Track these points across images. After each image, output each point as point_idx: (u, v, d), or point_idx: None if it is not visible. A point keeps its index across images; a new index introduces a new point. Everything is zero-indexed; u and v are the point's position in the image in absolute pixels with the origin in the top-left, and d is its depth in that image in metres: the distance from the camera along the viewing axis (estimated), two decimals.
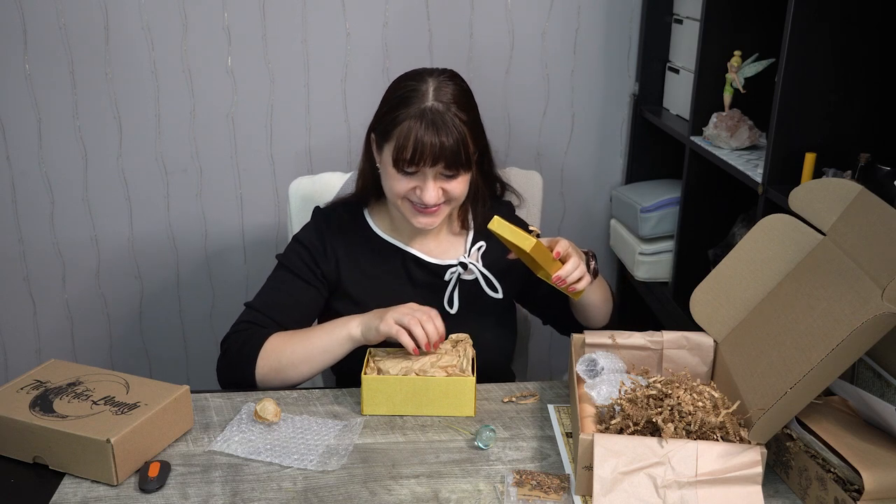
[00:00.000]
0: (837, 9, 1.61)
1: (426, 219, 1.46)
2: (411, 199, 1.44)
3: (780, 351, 1.18)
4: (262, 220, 2.49)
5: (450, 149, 1.38)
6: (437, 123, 1.37)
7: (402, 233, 1.56)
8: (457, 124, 1.39)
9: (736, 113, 2.00)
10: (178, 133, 2.36)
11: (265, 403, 1.32)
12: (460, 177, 1.44)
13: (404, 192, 1.43)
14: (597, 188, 2.58)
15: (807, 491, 1.15)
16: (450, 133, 1.38)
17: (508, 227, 1.35)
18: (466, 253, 1.57)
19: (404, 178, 1.42)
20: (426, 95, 1.40)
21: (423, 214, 1.45)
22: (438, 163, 1.39)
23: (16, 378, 1.31)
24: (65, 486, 1.18)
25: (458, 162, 1.40)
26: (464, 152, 1.40)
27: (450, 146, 1.38)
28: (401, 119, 1.39)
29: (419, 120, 1.38)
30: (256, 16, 2.27)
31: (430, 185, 1.41)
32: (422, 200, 1.42)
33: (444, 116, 1.38)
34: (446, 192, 1.44)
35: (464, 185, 1.46)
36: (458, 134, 1.39)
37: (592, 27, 2.40)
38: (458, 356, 1.39)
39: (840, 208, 1.27)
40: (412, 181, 1.42)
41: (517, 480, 1.18)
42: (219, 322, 2.59)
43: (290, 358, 1.42)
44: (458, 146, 1.39)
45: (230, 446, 1.27)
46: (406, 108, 1.39)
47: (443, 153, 1.38)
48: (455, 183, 1.44)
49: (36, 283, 2.47)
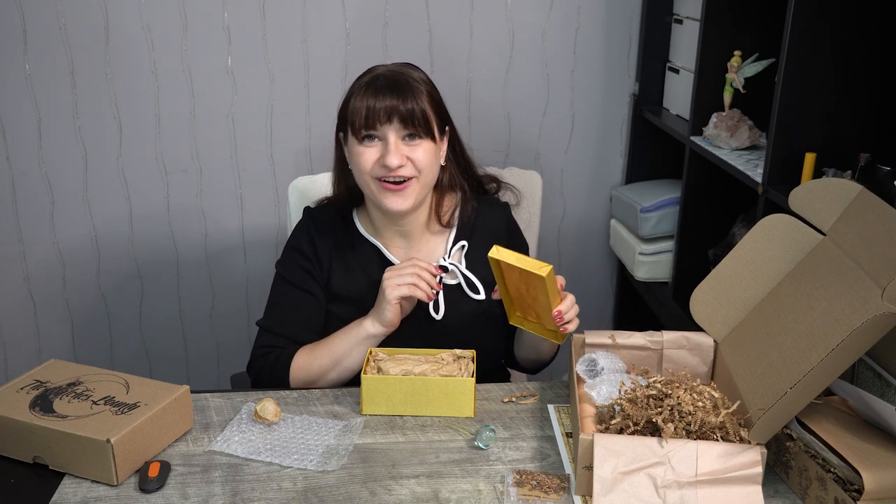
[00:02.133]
0: (837, 9, 1.61)
1: (396, 196, 1.44)
2: (379, 177, 1.43)
3: (780, 351, 1.18)
4: (262, 220, 2.49)
5: (405, 106, 1.39)
6: (389, 85, 1.41)
7: (384, 235, 1.55)
8: (412, 87, 1.41)
9: (736, 113, 2.00)
10: (178, 133, 2.37)
11: (265, 403, 1.32)
12: (424, 144, 1.43)
13: (371, 166, 1.43)
14: (597, 188, 2.58)
15: (807, 491, 1.15)
16: (403, 92, 1.40)
17: (514, 255, 1.32)
18: (447, 254, 1.55)
19: (368, 149, 1.42)
20: (381, 68, 1.45)
21: (392, 193, 1.43)
22: (393, 118, 1.39)
23: (16, 378, 1.31)
24: (65, 486, 1.18)
25: (415, 119, 1.40)
26: (420, 113, 1.40)
27: (405, 104, 1.40)
28: (353, 93, 1.43)
29: (371, 86, 1.41)
30: (256, 16, 2.27)
31: (392, 146, 1.41)
32: (386, 164, 1.41)
33: (396, 79, 1.41)
34: (411, 161, 1.42)
35: (429, 156, 1.44)
36: (413, 94, 1.40)
37: (592, 27, 2.40)
38: (459, 369, 1.40)
39: (840, 208, 1.27)
40: (376, 149, 1.42)
41: (517, 480, 1.18)
42: (219, 322, 2.59)
43: (318, 370, 1.46)
44: (413, 105, 1.40)
45: (230, 446, 1.27)
46: (362, 79, 1.44)
47: (396, 110, 1.39)
48: (419, 151, 1.42)
49: (36, 283, 2.48)
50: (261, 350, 1.51)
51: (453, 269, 1.53)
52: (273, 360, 1.49)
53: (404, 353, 1.44)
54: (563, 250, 2.64)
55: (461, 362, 1.42)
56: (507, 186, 1.66)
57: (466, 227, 1.57)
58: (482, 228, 1.58)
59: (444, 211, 1.57)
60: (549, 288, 1.32)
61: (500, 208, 1.62)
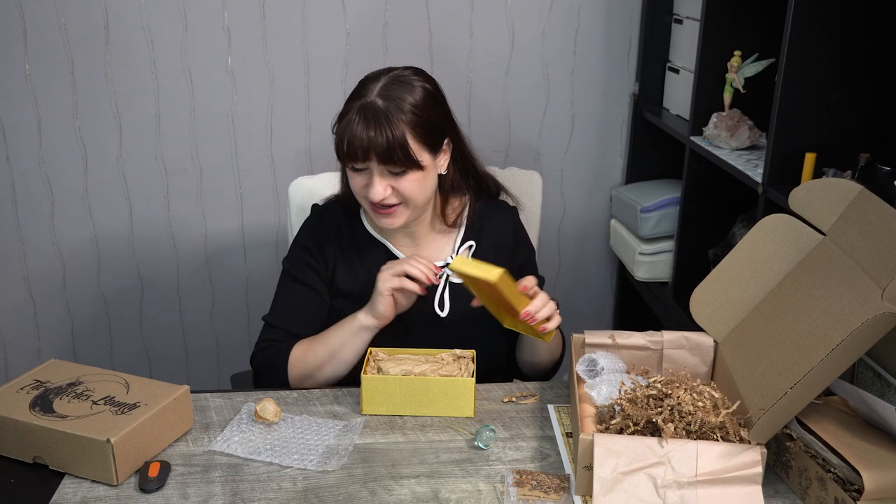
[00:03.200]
0: (837, 9, 1.61)
1: (386, 219, 1.45)
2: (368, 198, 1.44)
3: (780, 351, 1.18)
4: (262, 220, 2.49)
5: (381, 145, 1.37)
6: (368, 119, 1.37)
7: (388, 231, 1.55)
8: (392, 121, 1.37)
9: (736, 113, 2.00)
10: (178, 133, 2.36)
11: (265, 403, 1.32)
12: (410, 175, 1.41)
13: (360, 190, 1.44)
14: (597, 188, 2.58)
15: (807, 491, 1.15)
16: (381, 129, 1.37)
17: (471, 263, 1.33)
18: (454, 252, 1.56)
19: (356, 175, 1.43)
20: (371, 92, 1.40)
21: (382, 215, 1.45)
22: (370, 157, 1.38)
23: (16, 378, 1.31)
24: (65, 486, 1.18)
25: (394, 158, 1.38)
26: (399, 149, 1.38)
27: (381, 142, 1.37)
28: (343, 114, 1.42)
29: (356, 114, 1.39)
30: (256, 16, 2.27)
31: (376, 182, 1.40)
32: (369, 198, 1.42)
33: (378, 112, 1.38)
34: (396, 191, 1.42)
35: (415, 184, 1.43)
36: (392, 131, 1.37)
37: (592, 27, 2.40)
38: (459, 369, 1.40)
39: (840, 208, 1.27)
40: (362, 178, 1.42)
41: (517, 480, 1.18)
42: (219, 322, 2.59)
43: (315, 362, 1.47)
44: (393, 143, 1.37)
45: (230, 446, 1.27)
46: (351, 104, 1.42)
47: (373, 147, 1.37)
48: (404, 182, 1.41)
49: (36, 283, 2.48)
50: (263, 343, 1.53)
51: None
52: (272, 354, 1.50)
53: (404, 353, 1.45)
54: (563, 250, 2.64)
55: (461, 362, 1.42)
56: (505, 191, 1.67)
57: (474, 227, 1.58)
58: (489, 229, 1.59)
59: (449, 211, 1.57)
60: (505, 292, 1.32)
61: (508, 211, 1.64)
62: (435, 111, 1.45)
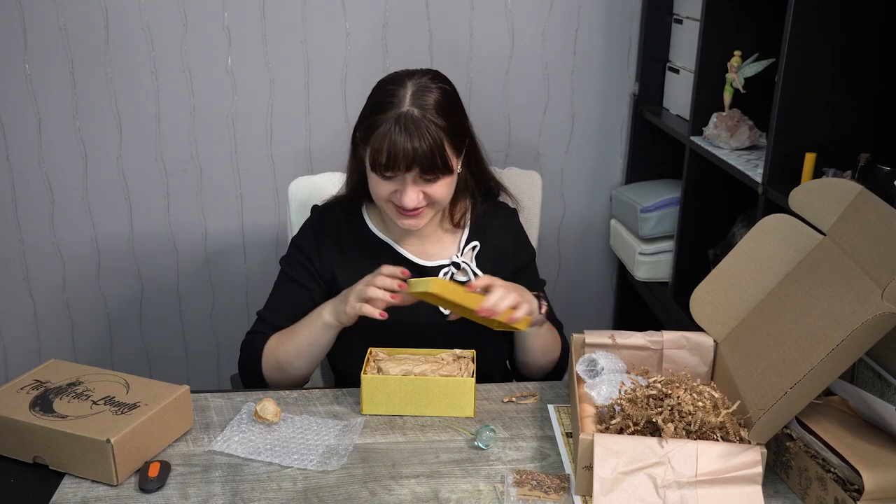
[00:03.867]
0: (837, 9, 1.61)
1: (410, 221, 1.46)
2: (393, 202, 1.45)
3: (780, 351, 1.18)
4: (262, 220, 2.49)
5: (423, 155, 1.38)
6: (410, 129, 1.37)
7: (394, 231, 1.56)
8: (432, 130, 1.38)
9: (736, 113, 2.00)
10: (178, 133, 2.36)
11: (265, 403, 1.32)
12: (441, 180, 1.43)
13: (386, 196, 1.44)
14: (597, 188, 2.58)
15: (807, 491, 1.15)
16: (424, 139, 1.37)
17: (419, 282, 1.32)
18: (459, 252, 1.57)
19: (384, 182, 1.43)
20: (403, 100, 1.40)
21: (406, 217, 1.46)
22: (413, 168, 1.39)
23: (16, 378, 1.31)
24: (65, 486, 1.18)
25: (434, 167, 1.40)
26: (439, 157, 1.40)
27: (423, 152, 1.38)
28: (378, 124, 1.40)
29: (394, 125, 1.38)
30: (256, 16, 2.27)
31: (409, 190, 1.41)
32: (402, 205, 1.43)
33: (419, 122, 1.38)
34: (427, 196, 1.44)
35: (446, 187, 1.45)
36: (433, 140, 1.38)
37: (592, 27, 2.40)
38: (459, 369, 1.40)
39: (840, 208, 1.27)
40: (392, 185, 1.43)
41: (517, 480, 1.18)
42: (219, 322, 2.59)
43: (284, 356, 1.48)
44: (433, 152, 1.39)
45: (230, 446, 1.27)
46: (383, 113, 1.40)
47: (416, 159, 1.38)
48: (436, 187, 1.43)
49: (36, 283, 2.48)
50: (248, 336, 1.56)
51: (465, 267, 1.54)
52: (250, 345, 1.53)
53: (404, 353, 1.45)
54: (563, 250, 2.64)
55: (461, 362, 1.42)
56: (505, 192, 1.67)
57: (478, 228, 1.59)
58: (492, 231, 1.60)
59: (456, 211, 1.59)
60: (453, 298, 1.32)
61: (509, 213, 1.65)
62: (459, 114, 1.47)
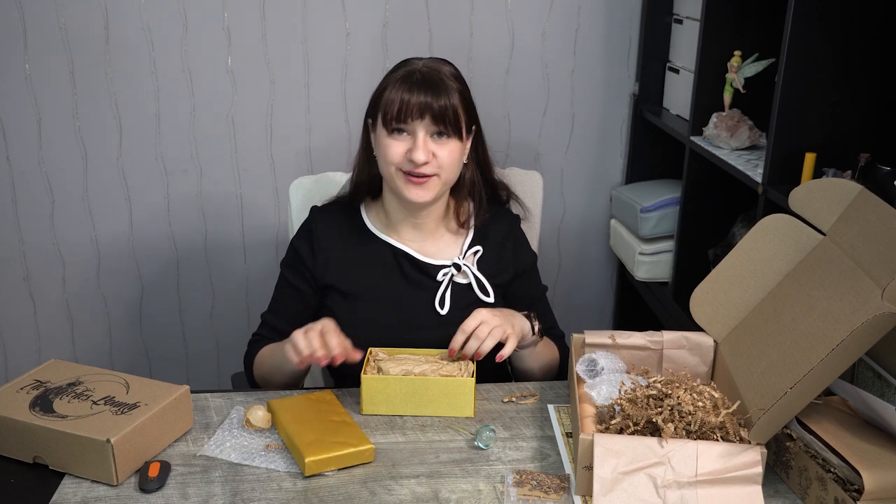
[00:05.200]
0: (837, 9, 1.61)
1: (418, 189, 1.47)
2: (404, 170, 1.45)
3: (780, 351, 1.18)
4: (262, 220, 2.49)
5: (437, 104, 1.42)
6: (424, 81, 1.43)
7: (397, 229, 1.56)
8: (446, 86, 1.44)
9: (736, 113, 2.00)
10: (178, 133, 2.36)
11: (254, 411, 1.30)
12: (451, 143, 1.45)
13: (398, 159, 1.45)
14: (597, 188, 2.58)
15: (807, 491, 1.15)
16: (437, 90, 1.43)
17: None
18: (462, 255, 1.57)
19: (396, 142, 1.44)
20: (416, 64, 1.47)
21: (415, 185, 1.46)
22: (425, 115, 1.42)
23: (16, 378, 1.31)
24: (65, 486, 1.18)
25: (446, 118, 1.43)
26: (451, 112, 1.43)
27: (437, 101, 1.42)
28: (388, 84, 1.45)
29: (406, 80, 1.44)
30: (256, 16, 2.27)
31: (421, 142, 1.43)
32: (413, 159, 1.43)
33: (433, 76, 1.44)
34: (437, 158, 1.45)
35: (455, 155, 1.47)
36: (447, 92, 1.43)
37: (592, 27, 2.40)
38: (459, 369, 1.39)
39: (840, 208, 1.27)
40: (404, 143, 1.44)
41: (517, 480, 1.18)
42: (219, 322, 2.59)
43: (264, 371, 1.54)
44: (446, 105, 1.43)
45: (223, 451, 1.26)
46: (397, 73, 1.46)
47: (429, 107, 1.42)
48: (445, 149, 1.45)
49: (36, 283, 2.47)
50: (252, 338, 1.61)
51: (465, 270, 1.54)
52: (249, 348, 1.59)
53: (404, 353, 1.44)
54: (563, 250, 2.64)
55: (461, 362, 1.42)
56: (516, 199, 1.68)
57: (481, 232, 1.60)
58: (494, 236, 1.61)
59: (462, 212, 1.60)
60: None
61: (511, 218, 1.65)
62: (470, 96, 1.52)
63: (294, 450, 1.23)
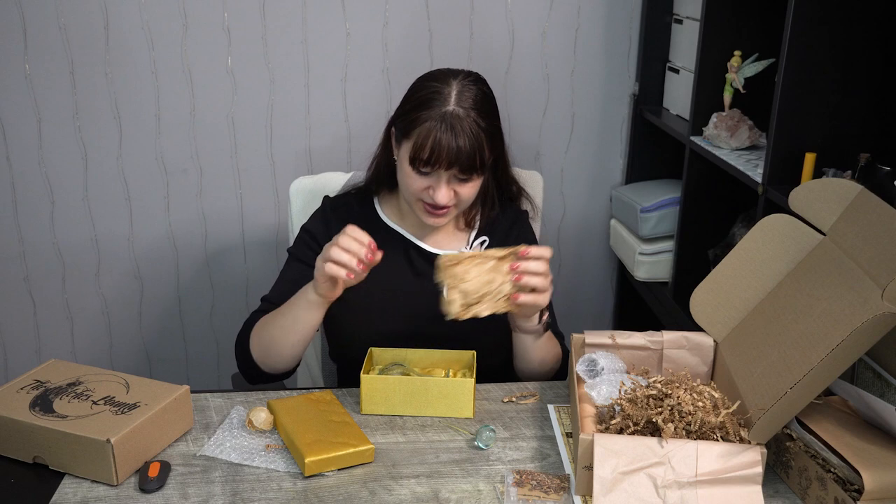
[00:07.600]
0: (837, 9, 1.61)
1: (436, 219, 1.49)
2: (423, 199, 1.47)
3: (780, 351, 1.18)
4: (262, 220, 2.49)
5: (466, 154, 1.40)
6: (455, 128, 1.40)
7: (409, 223, 1.59)
8: (475, 130, 1.41)
9: (736, 113, 2.00)
10: (178, 133, 2.36)
11: (257, 412, 1.31)
12: (473, 181, 1.46)
13: (418, 192, 1.46)
14: (597, 188, 2.58)
15: (807, 491, 1.15)
16: (467, 138, 1.40)
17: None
18: (468, 245, 1.59)
19: (419, 178, 1.44)
20: (448, 99, 1.42)
21: (434, 215, 1.48)
22: (454, 166, 1.41)
23: (16, 378, 1.31)
24: (65, 486, 1.18)
25: (473, 167, 1.42)
26: (479, 158, 1.42)
27: (466, 151, 1.40)
28: (422, 120, 1.42)
29: (439, 122, 1.40)
30: (256, 16, 2.27)
31: (444, 187, 1.43)
32: (434, 201, 1.44)
33: (463, 122, 1.40)
34: (457, 195, 1.46)
35: (475, 189, 1.48)
36: (476, 140, 1.41)
37: (592, 27, 2.40)
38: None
39: (840, 208, 1.27)
40: (426, 181, 1.44)
41: (517, 480, 1.18)
42: (219, 322, 2.59)
43: (271, 334, 1.47)
44: (475, 151, 1.41)
45: (223, 451, 1.26)
46: (427, 110, 1.42)
47: (459, 157, 1.40)
48: (467, 187, 1.46)
49: (36, 283, 2.47)
50: (249, 318, 1.56)
51: None
52: (248, 320, 1.55)
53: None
54: (563, 250, 2.64)
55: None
56: (526, 196, 1.69)
57: (488, 226, 1.61)
58: (501, 231, 1.62)
59: (470, 213, 1.61)
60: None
61: (518, 213, 1.66)
62: (496, 117, 1.49)
63: (294, 450, 1.23)
